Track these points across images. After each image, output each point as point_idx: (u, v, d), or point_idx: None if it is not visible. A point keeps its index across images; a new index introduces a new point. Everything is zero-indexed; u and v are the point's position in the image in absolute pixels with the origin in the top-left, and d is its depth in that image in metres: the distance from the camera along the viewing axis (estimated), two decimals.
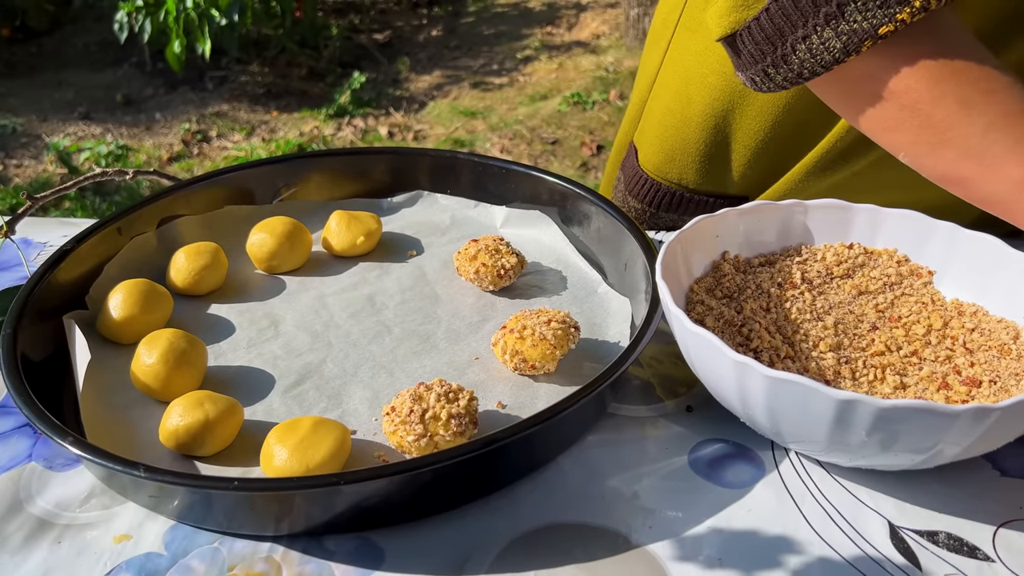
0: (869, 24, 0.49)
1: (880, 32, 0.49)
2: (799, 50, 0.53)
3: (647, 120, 0.82)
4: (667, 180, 0.79)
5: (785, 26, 0.53)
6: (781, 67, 0.54)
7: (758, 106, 0.72)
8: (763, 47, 0.55)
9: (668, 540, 0.47)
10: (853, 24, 0.49)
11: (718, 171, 0.77)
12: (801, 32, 0.52)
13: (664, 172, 0.80)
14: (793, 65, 0.54)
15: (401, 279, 0.69)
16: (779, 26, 0.53)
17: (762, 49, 0.55)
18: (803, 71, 0.53)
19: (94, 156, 2.72)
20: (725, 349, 0.47)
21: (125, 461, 0.45)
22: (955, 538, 0.47)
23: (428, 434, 0.50)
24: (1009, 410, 0.43)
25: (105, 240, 0.66)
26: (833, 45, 0.51)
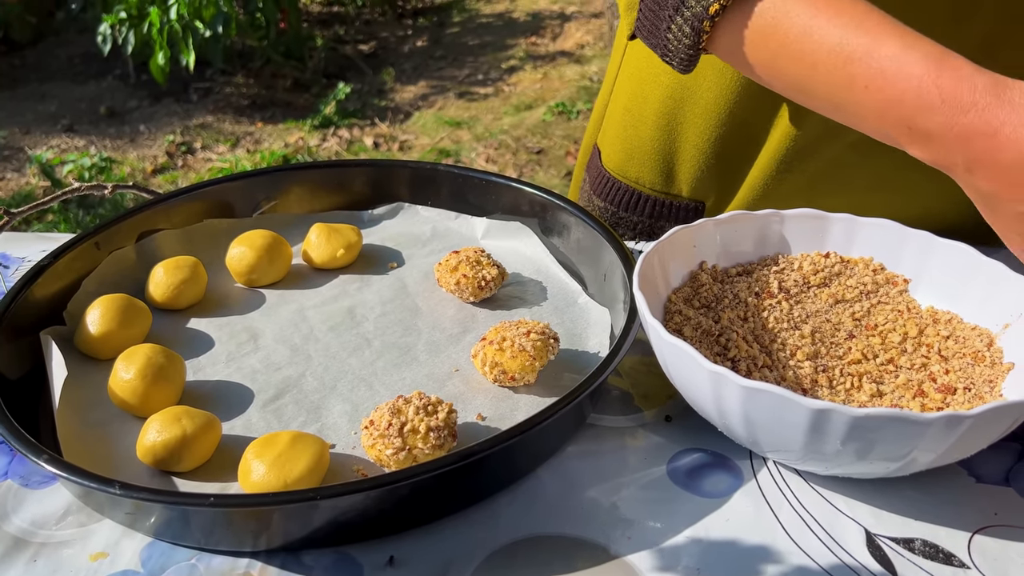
0: (701, 7, 0.55)
1: (711, 12, 0.54)
2: (670, 38, 0.58)
3: (609, 121, 0.83)
4: (627, 179, 0.81)
5: (655, 20, 0.59)
6: (668, 55, 0.60)
7: (703, 104, 0.73)
8: (650, 40, 0.61)
9: (647, 551, 0.48)
10: (692, 9, 0.55)
11: (673, 170, 0.78)
12: (665, 23, 0.58)
13: (624, 171, 0.81)
14: (671, 51, 0.59)
15: (381, 291, 0.69)
16: (652, 20, 0.59)
17: (651, 42, 0.60)
18: (680, 55, 0.58)
19: (77, 169, 2.70)
20: (700, 359, 0.47)
21: (100, 478, 0.45)
22: (931, 545, 0.48)
23: (407, 447, 0.50)
24: (981, 417, 0.44)
25: (83, 255, 0.66)
26: (685, 30, 0.57)
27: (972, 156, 0.47)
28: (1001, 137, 0.46)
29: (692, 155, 0.76)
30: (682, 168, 0.77)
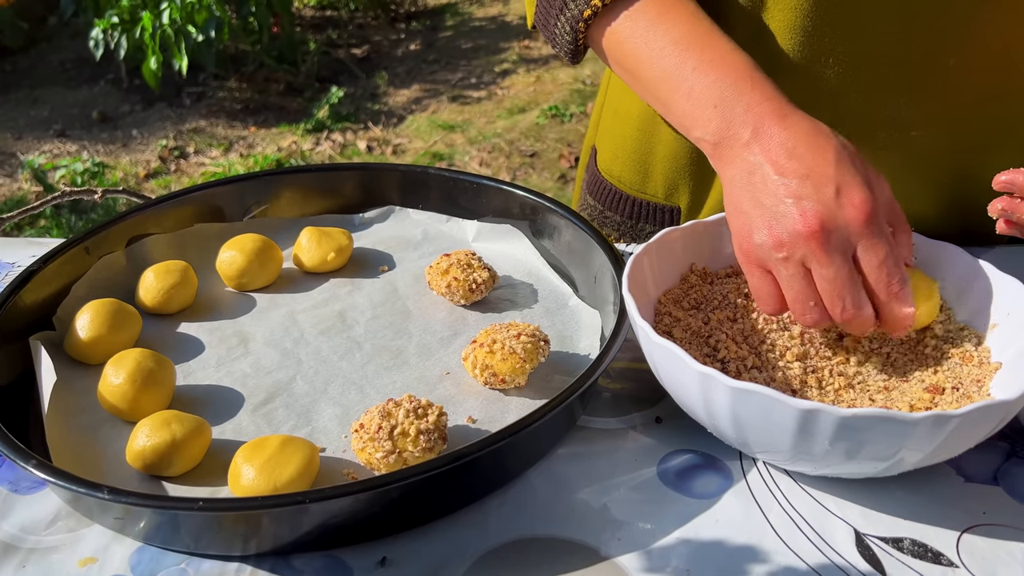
0: (578, 9, 0.60)
1: (585, 15, 0.60)
2: (556, 33, 0.64)
3: (603, 121, 0.84)
4: (611, 177, 0.82)
5: (547, 15, 0.64)
6: (556, 47, 0.65)
7: None
8: (544, 32, 0.66)
9: (637, 552, 0.48)
10: (571, 11, 0.61)
11: (649, 170, 0.79)
12: (553, 20, 0.63)
13: (610, 169, 0.82)
14: (558, 44, 0.64)
15: (372, 295, 0.69)
16: (544, 15, 0.65)
17: (545, 34, 0.66)
18: (564, 48, 0.64)
19: (70, 174, 2.70)
20: (689, 360, 0.47)
21: (89, 483, 0.45)
22: (920, 544, 0.48)
23: (397, 450, 0.50)
24: (968, 417, 0.44)
25: (72, 260, 0.66)
26: (566, 28, 0.62)
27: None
28: (728, 195, 0.54)
29: (666, 156, 0.76)
30: (656, 168, 0.78)
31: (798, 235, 0.50)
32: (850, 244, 0.50)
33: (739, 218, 0.53)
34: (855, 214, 0.50)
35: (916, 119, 0.67)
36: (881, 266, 0.50)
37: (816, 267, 0.50)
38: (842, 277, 0.50)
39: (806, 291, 0.51)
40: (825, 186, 0.50)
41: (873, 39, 0.64)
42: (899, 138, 0.68)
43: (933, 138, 0.68)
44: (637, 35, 0.58)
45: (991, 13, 0.61)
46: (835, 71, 0.66)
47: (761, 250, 0.52)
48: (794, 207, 0.50)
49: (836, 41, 0.64)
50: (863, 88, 0.66)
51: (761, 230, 0.51)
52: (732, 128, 0.53)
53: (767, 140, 0.52)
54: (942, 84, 0.65)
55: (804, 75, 0.66)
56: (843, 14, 0.63)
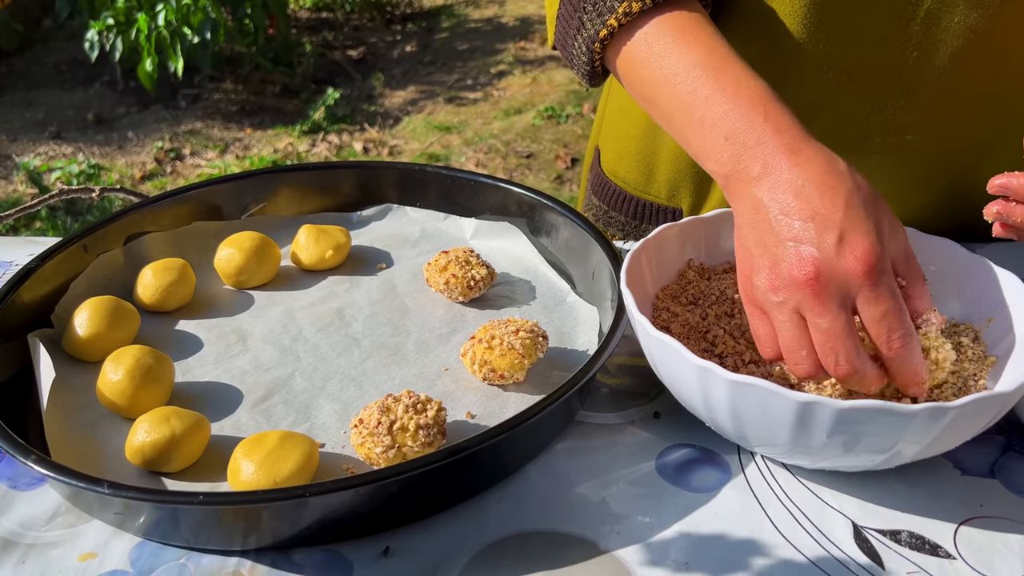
0: (595, 30, 0.59)
1: (600, 36, 0.59)
2: (574, 54, 0.63)
3: (606, 122, 0.84)
4: (616, 178, 0.82)
5: (565, 35, 0.64)
6: (574, 67, 0.64)
7: None
8: (563, 52, 0.65)
9: (636, 545, 0.48)
10: (588, 31, 0.60)
11: (653, 171, 0.79)
12: (571, 39, 0.63)
13: (615, 170, 0.82)
14: (576, 65, 0.64)
15: (371, 292, 0.69)
16: (563, 35, 0.64)
17: (563, 54, 0.66)
18: (582, 69, 0.63)
19: (65, 176, 2.69)
20: (687, 354, 0.47)
21: (89, 478, 0.45)
22: (917, 536, 0.48)
23: (396, 445, 0.50)
24: (965, 409, 0.44)
25: (70, 258, 0.66)
26: (582, 48, 0.61)
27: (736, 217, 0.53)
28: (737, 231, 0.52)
29: (670, 157, 0.76)
30: (660, 169, 0.78)
31: (793, 281, 0.47)
32: (849, 295, 0.47)
33: (743, 256, 0.51)
34: (855, 264, 0.47)
35: (911, 124, 0.67)
36: (881, 320, 0.47)
37: (811, 316, 0.47)
38: (837, 329, 0.47)
39: (799, 339, 0.48)
40: (829, 231, 0.47)
41: (867, 46, 0.64)
42: (895, 142, 0.68)
43: (928, 142, 0.68)
44: (652, 59, 0.56)
45: (984, 20, 0.62)
46: (830, 77, 0.66)
47: (759, 292, 0.49)
48: (793, 252, 0.48)
49: (831, 48, 0.65)
50: (858, 93, 0.66)
51: (761, 271, 0.49)
52: (742, 162, 0.51)
53: (776, 176, 0.50)
54: (936, 90, 0.65)
55: (800, 81, 0.66)
56: (838, 21, 0.63)
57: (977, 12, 0.61)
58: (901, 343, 0.47)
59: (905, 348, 0.48)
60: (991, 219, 0.54)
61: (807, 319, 0.48)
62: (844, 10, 0.63)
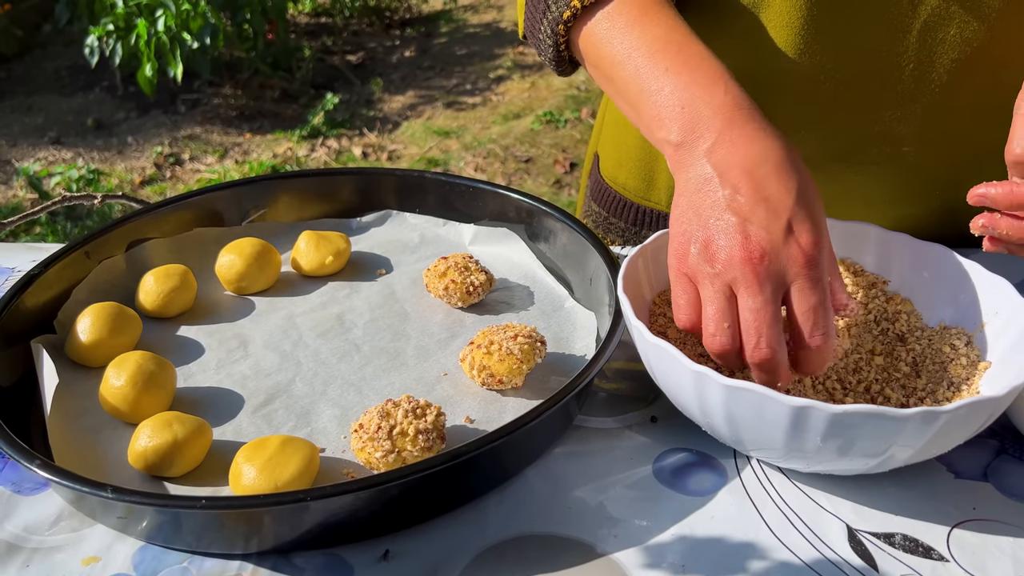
0: (559, 11, 0.60)
1: (564, 16, 0.59)
2: (541, 38, 0.63)
3: (605, 129, 0.85)
4: (615, 184, 0.83)
5: (533, 21, 0.64)
6: (542, 54, 0.65)
7: None
8: (532, 40, 0.66)
9: (633, 548, 0.48)
10: (552, 14, 0.60)
11: (653, 178, 0.79)
12: (538, 25, 0.63)
13: (615, 176, 0.83)
14: (543, 50, 0.64)
15: (370, 297, 0.70)
16: (531, 22, 0.64)
17: (532, 42, 0.66)
18: (548, 55, 0.64)
19: (65, 181, 2.70)
20: (683, 360, 0.48)
21: (93, 483, 0.46)
22: (911, 539, 0.49)
23: (396, 450, 0.51)
24: (957, 413, 0.45)
25: (73, 264, 0.66)
26: (547, 31, 0.62)
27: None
28: (677, 199, 0.52)
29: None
30: (661, 176, 0.78)
31: (735, 258, 0.48)
32: (784, 283, 0.48)
33: (680, 224, 0.51)
34: (798, 253, 0.48)
35: (907, 135, 0.68)
36: (810, 311, 0.48)
37: (744, 294, 0.48)
38: (767, 313, 0.48)
39: (724, 312, 0.49)
40: (779, 217, 0.48)
41: (863, 57, 0.64)
42: (891, 153, 0.69)
43: (925, 154, 0.68)
44: (613, 36, 0.57)
45: (981, 32, 0.62)
46: (827, 87, 0.66)
47: (693, 260, 0.50)
48: (739, 228, 0.48)
49: (826, 59, 0.65)
50: (855, 104, 0.67)
51: (699, 241, 0.49)
52: (697, 130, 0.51)
53: (730, 150, 0.50)
54: (933, 102, 0.66)
55: (796, 91, 0.67)
56: (833, 33, 0.64)
57: (974, 24, 0.62)
58: (822, 339, 0.49)
59: (824, 344, 0.49)
60: (977, 233, 0.54)
61: (738, 296, 0.48)
62: (839, 22, 0.63)
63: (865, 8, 0.62)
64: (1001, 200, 0.51)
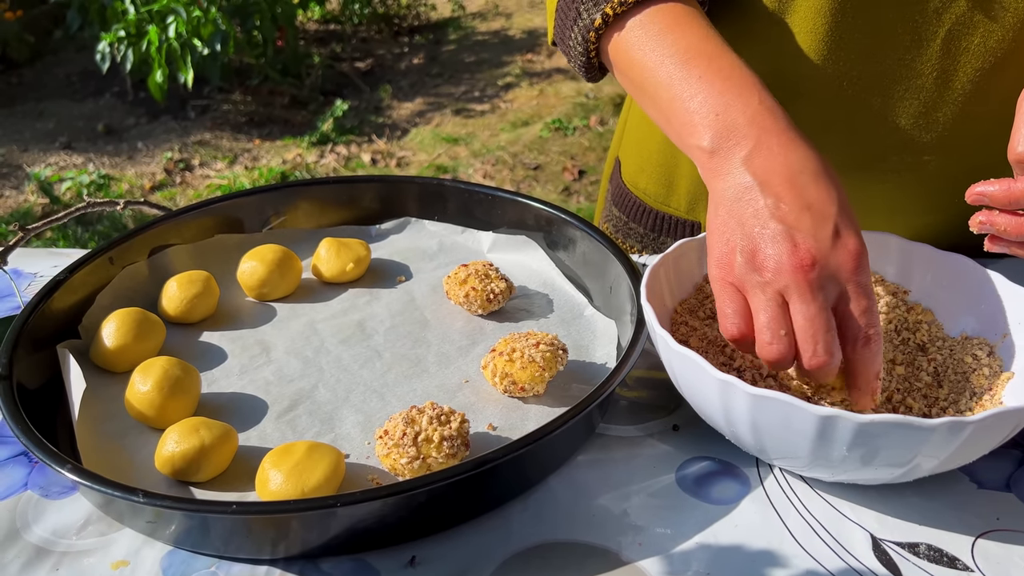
0: (590, 18, 0.60)
1: (595, 24, 0.60)
2: (571, 45, 0.64)
3: (627, 134, 0.85)
4: (636, 189, 0.83)
5: (563, 28, 0.64)
6: (571, 60, 0.65)
7: None
8: (561, 47, 0.66)
9: (658, 556, 0.48)
10: (584, 21, 0.61)
11: (673, 183, 0.80)
12: (568, 31, 0.63)
13: (635, 182, 0.83)
14: (572, 57, 0.65)
15: (391, 304, 0.70)
16: (561, 29, 0.65)
17: (562, 48, 0.66)
18: (578, 61, 0.64)
19: (76, 186, 2.71)
20: (709, 368, 0.48)
21: (124, 487, 0.46)
22: (935, 549, 0.49)
23: (421, 456, 0.51)
24: (983, 423, 0.45)
25: (97, 270, 0.67)
26: (578, 39, 0.62)
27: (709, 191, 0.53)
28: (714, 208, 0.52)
29: (691, 168, 0.77)
30: (681, 182, 0.79)
31: (786, 266, 0.48)
32: (835, 289, 0.48)
33: (722, 234, 0.51)
34: (848, 259, 0.48)
35: (930, 144, 0.68)
36: (863, 315, 0.48)
37: (797, 302, 0.48)
38: (822, 319, 0.47)
39: (779, 319, 0.48)
40: (825, 223, 0.48)
41: (885, 66, 0.65)
42: (912, 162, 0.69)
43: (947, 163, 0.68)
44: (645, 43, 0.57)
45: (1005, 42, 0.62)
46: (850, 94, 0.66)
47: (740, 269, 0.49)
48: (787, 236, 0.48)
49: (848, 67, 0.65)
50: (877, 111, 0.67)
51: (745, 251, 0.49)
52: (733, 137, 0.51)
53: (768, 158, 0.50)
54: (956, 111, 0.66)
55: (819, 97, 0.67)
56: (856, 41, 0.64)
57: (998, 34, 0.62)
58: (877, 341, 0.49)
59: (877, 344, 0.49)
60: (976, 230, 0.54)
61: (791, 304, 0.48)
62: (863, 29, 0.64)
63: (889, 16, 0.63)
64: (999, 198, 0.51)
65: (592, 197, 2.66)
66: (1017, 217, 0.51)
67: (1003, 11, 0.61)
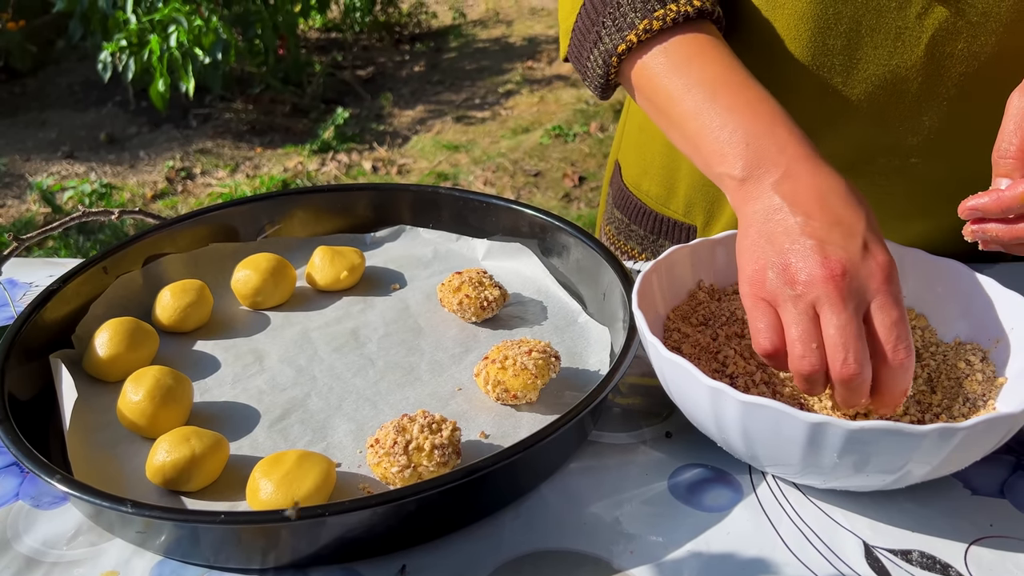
0: (613, 44, 0.61)
1: (619, 50, 0.61)
2: (588, 66, 0.65)
3: (627, 138, 0.86)
4: (639, 191, 0.83)
5: (581, 47, 0.65)
6: (587, 79, 0.66)
7: None
8: (576, 64, 0.67)
9: (649, 564, 0.48)
10: (606, 45, 0.62)
11: (674, 186, 0.80)
12: (587, 53, 0.64)
13: (638, 183, 0.84)
14: (589, 77, 0.65)
15: (385, 312, 0.70)
16: (578, 48, 0.66)
17: (577, 66, 0.67)
18: (595, 82, 0.65)
19: (78, 195, 2.72)
20: (699, 375, 0.48)
21: (113, 497, 0.46)
22: (928, 556, 0.49)
23: (412, 465, 0.51)
24: (974, 429, 0.45)
25: (91, 279, 0.67)
26: (599, 61, 0.63)
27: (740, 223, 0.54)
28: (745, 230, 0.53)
29: (689, 172, 0.78)
30: (680, 185, 0.79)
31: (817, 277, 0.48)
32: (865, 300, 0.48)
33: (753, 253, 0.52)
34: (878, 270, 0.48)
35: (917, 147, 0.68)
36: (893, 327, 0.48)
37: (828, 313, 0.48)
38: (852, 329, 0.48)
39: (811, 332, 0.49)
40: (854, 237, 0.49)
41: (871, 71, 0.65)
42: (900, 165, 0.69)
43: (935, 166, 0.69)
44: (670, 71, 0.58)
45: (989, 47, 0.62)
46: (834, 98, 0.67)
47: (772, 284, 0.50)
48: (817, 249, 0.49)
49: (834, 72, 0.66)
50: (862, 116, 0.67)
51: (776, 266, 0.50)
52: (763, 166, 0.52)
53: (798, 183, 0.51)
54: (942, 114, 0.66)
55: (803, 103, 0.67)
56: (841, 47, 0.64)
57: (982, 39, 0.62)
58: (906, 353, 0.49)
59: (908, 359, 0.49)
60: (970, 239, 0.54)
61: (821, 315, 0.49)
62: (845, 35, 0.64)
63: (871, 23, 0.63)
64: (992, 208, 0.51)
65: (592, 203, 2.66)
66: (1008, 223, 0.51)
67: (985, 18, 0.61)
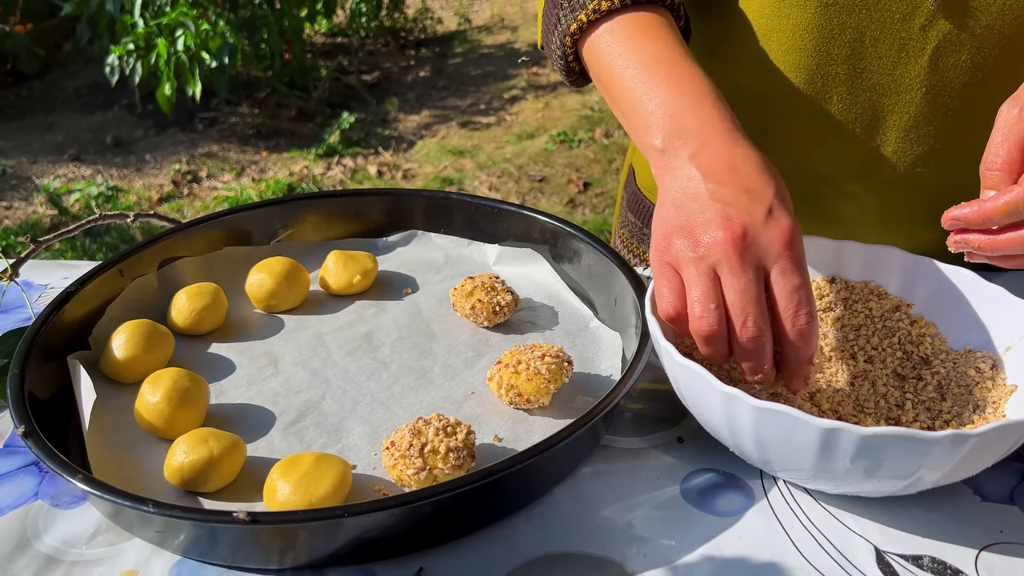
0: (567, 24, 0.63)
1: (571, 29, 0.63)
2: (553, 53, 0.67)
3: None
4: (652, 194, 0.84)
5: (548, 33, 0.67)
6: (555, 64, 0.68)
7: None
8: (546, 50, 0.69)
9: (662, 568, 0.49)
10: (562, 26, 0.64)
11: None
12: (551, 36, 0.67)
13: (651, 187, 0.84)
14: (554, 60, 0.67)
15: (397, 316, 0.71)
16: (546, 34, 0.68)
17: (547, 52, 0.69)
18: (559, 64, 0.67)
19: (84, 198, 2.73)
20: (713, 381, 0.49)
21: (134, 497, 0.47)
22: (939, 562, 0.49)
23: (427, 467, 0.52)
24: (985, 436, 0.45)
25: (107, 282, 0.67)
26: (557, 44, 0.65)
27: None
28: (661, 199, 0.54)
29: None
30: None
31: (717, 239, 0.49)
32: (766, 265, 0.49)
33: (663, 221, 0.53)
34: (779, 235, 0.49)
35: (921, 156, 0.68)
36: (794, 292, 0.49)
37: (727, 276, 0.49)
38: (752, 292, 0.49)
39: (710, 293, 0.50)
40: (759, 203, 0.50)
41: (874, 81, 0.65)
42: (904, 174, 0.69)
43: (938, 175, 0.69)
44: (614, 48, 0.60)
45: (992, 58, 0.63)
46: (838, 108, 0.67)
47: (676, 248, 0.51)
48: (721, 213, 0.50)
49: (838, 81, 0.66)
50: (865, 125, 0.68)
51: (682, 229, 0.51)
52: (682, 136, 0.54)
53: (712, 153, 0.53)
54: (946, 125, 0.66)
55: (808, 111, 0.68)
56: (844, 56, 0.65)
57: (985, 50, 0.63)
58: (807, 319, 0.49)
59: (809, 325, 0.50)
60: (953, 249, 0.54)
61: (722, 279, 0.50)
62: (849, 45, 0.64)
63: (874, 33, 0.64)
64: (973, 219, 0.51)
65: (597, 209, 2.67)
66: (991, 235, 0.51)
67: (989, 30, 0.62)
